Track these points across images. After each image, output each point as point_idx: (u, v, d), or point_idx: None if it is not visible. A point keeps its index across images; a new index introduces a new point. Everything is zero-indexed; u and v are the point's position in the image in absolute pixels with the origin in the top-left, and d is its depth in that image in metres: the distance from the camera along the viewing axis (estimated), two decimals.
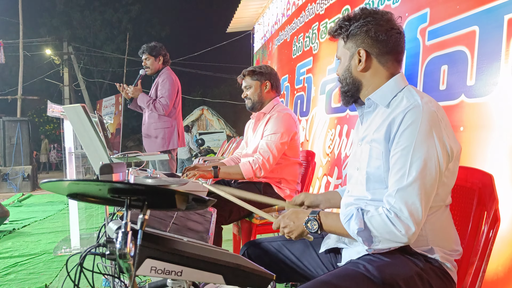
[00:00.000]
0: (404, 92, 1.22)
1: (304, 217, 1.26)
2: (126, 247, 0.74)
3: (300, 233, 1.27)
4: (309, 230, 1.24)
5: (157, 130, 3.76)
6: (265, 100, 2.48)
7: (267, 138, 2.32)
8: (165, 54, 3.87)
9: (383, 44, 1.23)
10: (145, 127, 3.85)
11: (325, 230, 1.24)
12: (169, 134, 3.78)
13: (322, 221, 1.23)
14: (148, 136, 3.82)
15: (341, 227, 1.18)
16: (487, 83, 1.88)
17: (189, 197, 0.81)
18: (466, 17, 2.04)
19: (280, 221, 1.32)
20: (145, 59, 3.81)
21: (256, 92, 2.46)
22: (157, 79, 3.82)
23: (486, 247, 1.22)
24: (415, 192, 1.08)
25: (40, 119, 20.74)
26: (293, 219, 1.29)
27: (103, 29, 26.84)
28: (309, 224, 1.23)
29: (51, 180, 0.75)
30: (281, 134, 2.30)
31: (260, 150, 2.31)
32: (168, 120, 3.78)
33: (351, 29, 1.25)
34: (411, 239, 1.08)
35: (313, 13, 4.43)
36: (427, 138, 1.10)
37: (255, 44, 8.10)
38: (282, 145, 2.31)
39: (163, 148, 3.76)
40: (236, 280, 0.89)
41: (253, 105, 2.49)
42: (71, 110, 2.24)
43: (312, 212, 1.26)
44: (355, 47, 1.26)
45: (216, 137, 15.79)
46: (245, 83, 2.49)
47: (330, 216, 1.23)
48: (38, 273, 2.95)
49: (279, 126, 2.31)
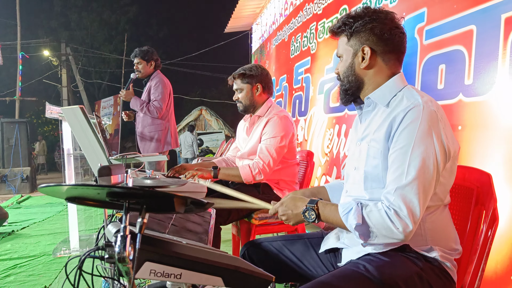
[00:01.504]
0: (403, 92, 1.22)
1: (302, 205, 1.26)
2: (125, 250, 0.74)
3: (297, 221, 1.29)
4: (307, 220, 1.24)
5: (152, 133, 3.82)
6: (258, 103, 2.44)
7: (266, 142, 2.30)
8: (157, 59, 3.93)
9: (387, 43, 1.23)
10: (139, 130, 3.90)
11: (322, 220, 1.24)
12: (164, 136, 3.84)
13: (320, 211, 1.23)
14: (143, 139, 3.87)
15: (339, 219, 1.18)
16: (484, 82, 1.89)
17: (187, 201, 0.81)
18: (463, 17, 2.04)
19: (278, 208, 1.33)
20: (137, 63, 3.85)
21: (248, 96, 2.42)
22: (149, 83, 3.87)
23: (485, 246, 1.23)
24: (413, 191, 1.08)
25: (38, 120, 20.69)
26: (291, 207, 1.29)
27: (101, 30, 26.80)
28: (306, 214, 1.24)
29: (49, 184, 0.75)
30: (281, 138, 2.29)
31: (260, 154, 2.29)
32: (162, 122, 3.84)
33: (355, 26, 1.25)
34: (408, 237, 1.09)
35: (311, 13, 4.43)
36: (426, 137, 1.10)
37: (253, 44, 8.10)
38: (281, 149, 2.30)
39: (158, 150, 3.82)
40: (235, 282, 0.89)
41: (245, 109, 2.46)
42: (69, 112, 2.23)
43: (310, 201, 1.26)
44: (359, 44, 1.26)
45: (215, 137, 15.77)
46: (236, 86, 2.44)
47: (328, 207, 1.23)
48: (37, 275, 2.95)
49: (278, 129, 2.30)
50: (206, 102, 20.27)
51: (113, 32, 27.03)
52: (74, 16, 26.08)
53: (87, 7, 26.58)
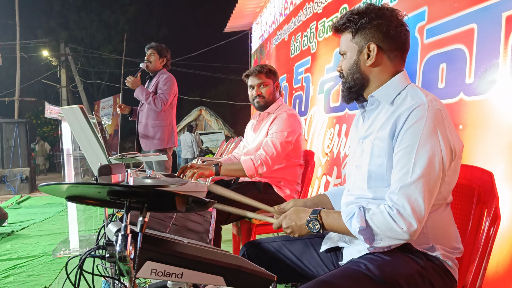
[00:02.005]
0: (407, 90, 1.22)
1: (305, 217, 1.26)
2: (126, 250, 0.73)
3: (302, 233, 1.28)
4: (311, 230, 1.24)
5: (155, 129, 3.77)
6: (274, 100, 2.49)
7: (273, 136, 2.30)
8: (169, 59, 3.92)
9: (393, 40, 1.23)
10: (142, 126, 3.83)
11: (327, 229, 1.24)
12: (168, 132, 3.80)
13: (323, 221, 1.23)
14: (145, 136, 3.82)
15: (343, 226, 1.17)
16: (485, 81, 1.88)
17: (189, 199, 0.80)
18: (464, 15, 2.04)
19: (282, 222, 1.33)
20: (150, 53, 3.79)
21: (271, 91, 2.46)
22: (156, 79, 3.82)
23: (487, 245, 1.22)
24: (418, 190, 1.08)
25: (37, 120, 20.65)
26: (295, 219, 1.29)
27: (100, 30, 26.77)
28: (310, 224, 1.24)
29: (50, 183, 0.74)
30: (287, 133, 2.28)
31: (264, 147, 2.28)
32: (165, 118, 3.80)
33: (360, 22, 1.23)
34: (413, 236, 1.08)
35: (311, 12, 4.42)
36: (431, 136, 1.10)
37: (253, 44, 8.09)
38: (287, 144, 2.29)
39: (161, 146, 3.77)
40: (237, 281, 0.88)
41: (266, 104, 2.46)
42: (69, 112, 2.23)
43: (313, 212, 1.26)
44: (364, 41, 1.24)
45: (215, 137, 15.77)
46: (259, 80, 2.43)
47: (331, 215, 1.23)
48: (37, 275, 2.94)
49: (285, 125, 2.30)
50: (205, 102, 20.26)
51: (112, 32, 27.00)
52: (73, 16, 26.05)
53: (86, 7, 26.57)
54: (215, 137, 15.80)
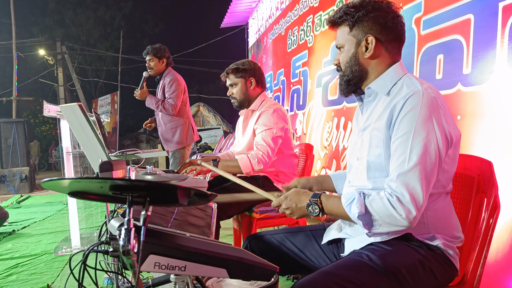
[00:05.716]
0: (403, 80, 1.23)
1: (305, 199, 1.27)
2: (129, 243, 0.74)
3: (301, 215, 1.29)
4: (311, 214, 1.25)
5: (173, 130, 3.88)
6: (252, 97, 2.47)
7: (262, 134, 2.32)
8: (169, 57, 3.95)
9: (390, 31, 1.23)
10: (161, 129, 3.95)
11: (326, 213, 1.24)
12: (185, 130, 3.90)
13: (323, 205, 1.24)
14: (165, 139, 3.93)
15: (342, 211, 1.18)
16: (483, 71, 1.89)
17: (191, 192, 0.81)
18: (461, 6, 2.04)
19: (282, 202, 1.33)
20: (149, 60, 3.86)
21: (242, 90, 2.44)
22: (162, 81, 3.90)
23: (487, 234, 1.23)
24: (416, 177, 1.09)
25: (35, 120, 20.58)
26: (295, 201, 1.30)
27: (96, 27, 26.58)
28: (310, 208, 1.24)
29: (52, 178, 0.75)
30: (277, 129, 2.32)
31: (257, 146, 2.30)
32: (180, 117, 3.89)
33: (357, 15, 1.24)
34: (412, 223, 1.09)
35: (307, 5, 4.41)
36: (426, 123, 1.11)
37: (250, 39, 8.07)
38: (278, 138, 2.33)
39: (181, 145, 3.89)
40: (240, 273, 0.89)
41: (240, 104, 2.48)
42: (68, 109, 2.23)
43: (313, 195, 1.26)
44: (362, 33, 1.25)
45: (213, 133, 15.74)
46: (229, 81, 2.46)
47: (331, 199, 1.24)
48: (39, 273, 2.95)
49: (271, 121, 2.32)
50: (203, 98, 20.22)
51: (108, 29, 26.82)
52: (68, 13, 25.83)
53: (81, 3, 26.33)
54: (213, 132, 15.77)
